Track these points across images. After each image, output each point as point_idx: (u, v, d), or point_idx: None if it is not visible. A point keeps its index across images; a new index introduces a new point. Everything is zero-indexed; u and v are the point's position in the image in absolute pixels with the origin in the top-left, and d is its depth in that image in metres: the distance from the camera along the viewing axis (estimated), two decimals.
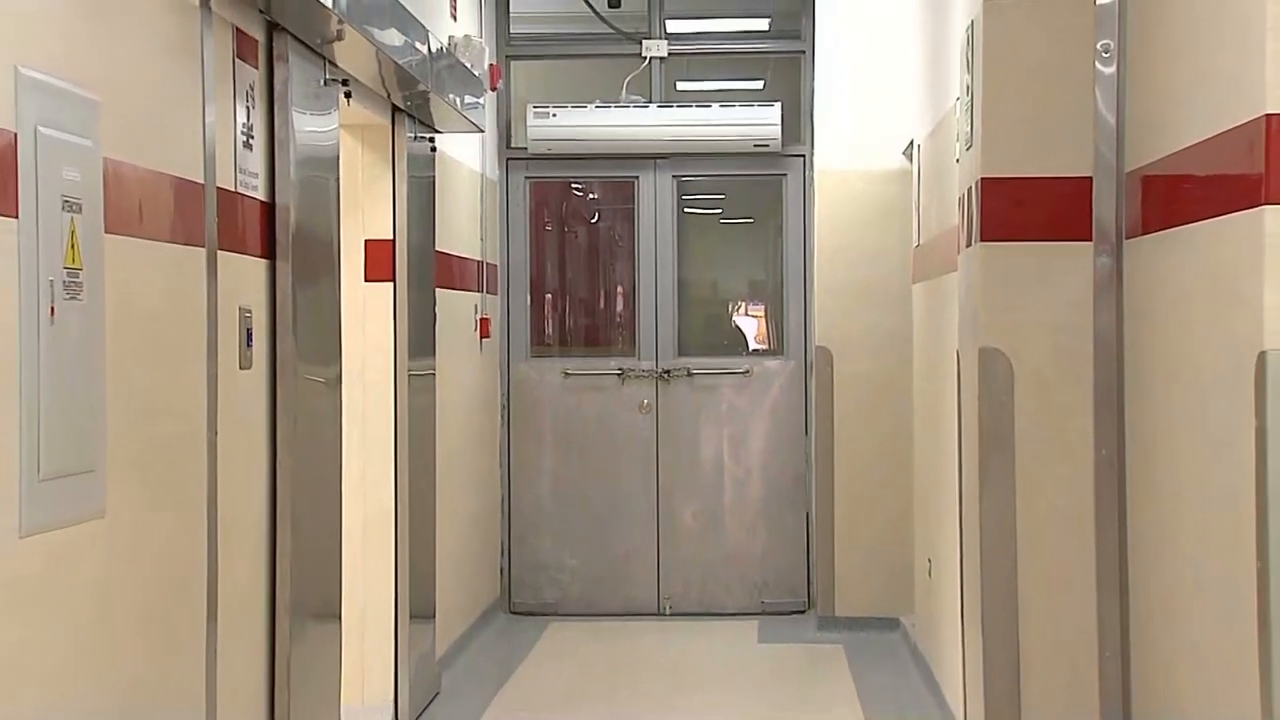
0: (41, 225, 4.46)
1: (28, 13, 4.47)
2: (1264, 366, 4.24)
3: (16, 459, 4.36)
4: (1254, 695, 4.32)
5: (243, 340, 6.17)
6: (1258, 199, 4.29)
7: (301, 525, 6.74)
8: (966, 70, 6.51)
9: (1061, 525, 5.93)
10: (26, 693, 4.46)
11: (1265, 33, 4.22)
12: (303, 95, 6.79)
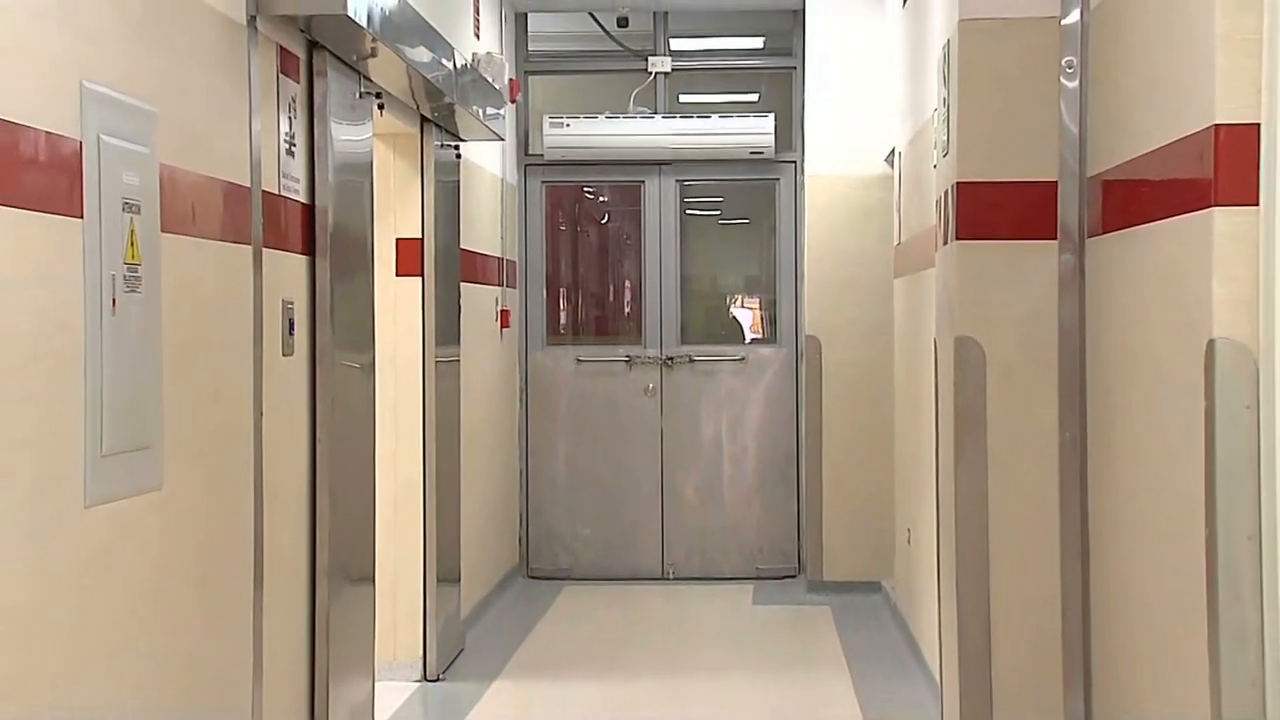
0: (104, 225, 4.49)
1: (91, 33, 4.48)
2: (1213, 353, 4.24)
3: (82, 437, 4.39)
4: (1201, 650, 4.33)
5: (285, 330, 6.18)
6: (1207, 201, 4.29)
7: (338, 497, 6.76)
8: (943, 84, 6.51)
9: (1028, 499, 5.93)
10: (92, 645, 4.48)
11: (1214, 50, 4.22)
12: (340, 107, 6.80)
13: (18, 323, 4.03)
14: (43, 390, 4.18)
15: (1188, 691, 4.49)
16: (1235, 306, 4.21)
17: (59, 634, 4.28)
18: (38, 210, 4.12)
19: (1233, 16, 4.18)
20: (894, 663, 9.18)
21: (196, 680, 5.32)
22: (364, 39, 6.52)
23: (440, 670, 8.83)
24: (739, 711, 8.36)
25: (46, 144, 4.17)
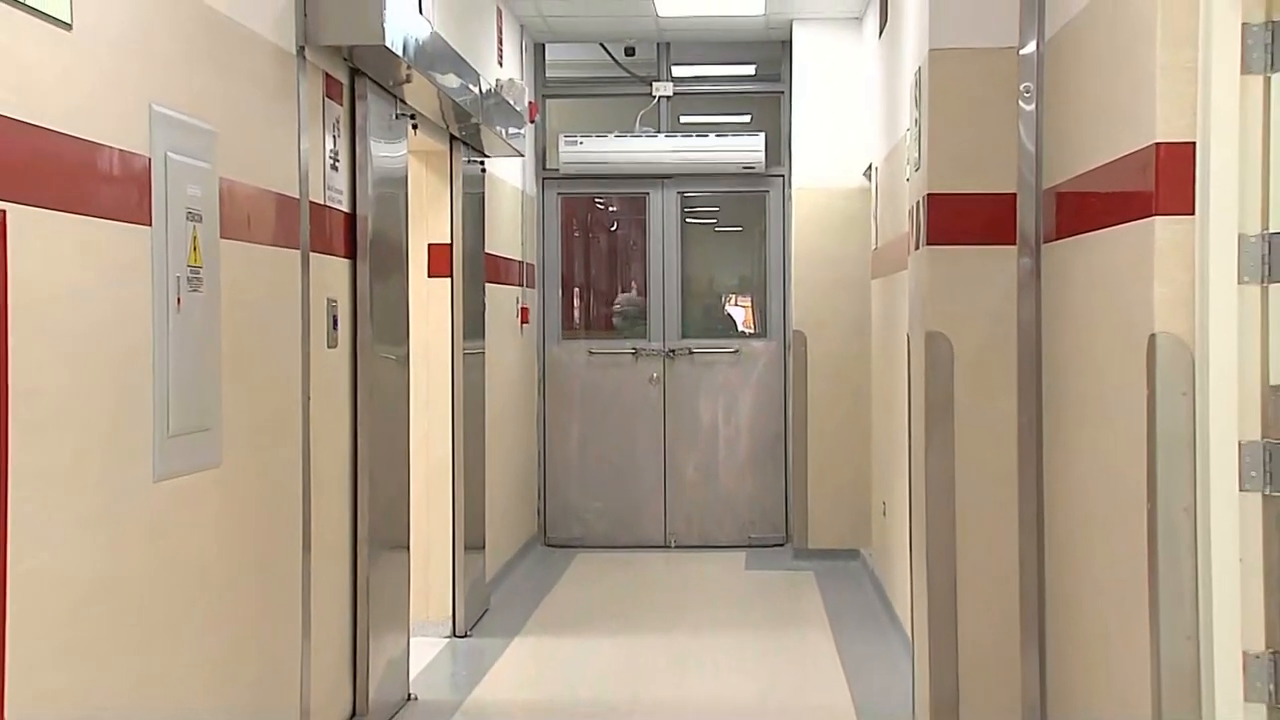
0: (170, 232, 4.51)
1: (160, 61, 4.50)
2: (1154, 346, 4.26)
3: (150, 419, 4.41)
4: (1143, 608, 4.34)
5: (329, 325, 6.19)
6: (1149, 211, 4.30)
7: (377, 474, 6.78)
8: (915, 107, 6.51)
9: (991, 475, 5.93)
10: (159, 603, 4.51)
11: (1155, 77, 4.24)
12: (378, 127, 6.81)
13: (95, 318, 4.05)
14: (116, 378, 4.20)
15: (1131, 644, 4.50)
16: (1173, 305, 4.23)
17: (130, 592, 4.30)
18: (112, 219, 4.15)
19: (1171, 49, 4.19)
20: (871, 621, 9.18)
21: (251, 636, 5.35)
22: (400, 66, 6.54)
23: (468, 628, 8.84)
24: (733, 664, 8.37)
25: (120, 160, 4.20)
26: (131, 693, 4.30)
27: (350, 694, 6.56)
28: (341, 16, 5.98)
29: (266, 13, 5.53)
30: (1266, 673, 3.99)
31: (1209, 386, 4.13)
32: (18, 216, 3.50)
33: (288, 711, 5.76)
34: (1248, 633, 4.04)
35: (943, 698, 6.00)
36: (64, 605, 3.84)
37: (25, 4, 3.65)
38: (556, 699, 7.63)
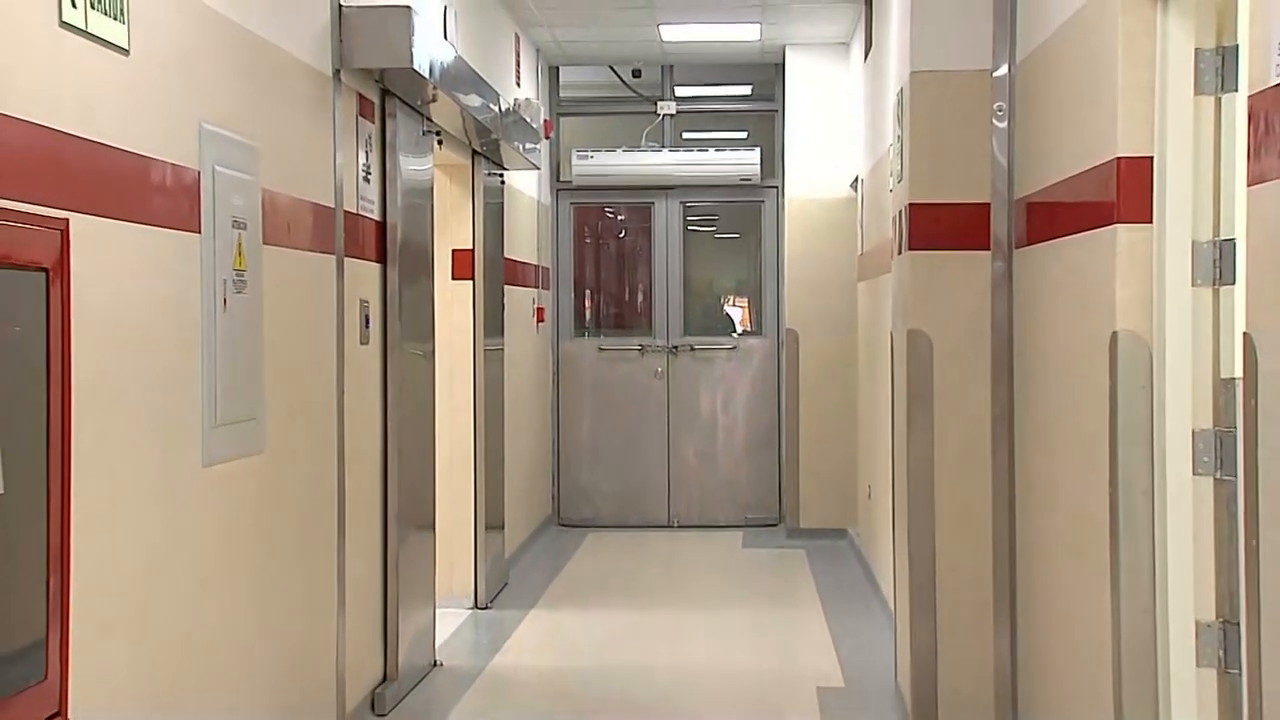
0: (217, 238, 4.53)
1: (208, 83, 4.52)
2: (1116, 342, 4.27)
3: (199, 410, 4.43)
4: (1105, 582, 4.36)
5: (362, 323, 6.21)
6: (1111, 219, 4.31)
7: (405, 459, 6.79)
8: (897, 124, 6.52)
9: (967, 460, 5.94)
10: (208, 576, 4.53)
11: (1117, 97, 4.25)
12: (406, 142, 6.83)
13: (148, 317, 4.08)
14: (168, 373, 4.22)
15: (1094, 615, 4.52)
16: (1133, 305, 4.24)
17: (181, 568, 4.32)
18: (165, 227, 4.17)
19: (1131, 70, 4.20)
20: (857, 594, 9.19)
21: (292, 607, 5.36)
22: (427, 87, 6.55)
23: (488, 600, 8.86)
24: (731, 634, 8.39)
25: (171, 173, 4.22)
26: (182, 653, 4.32)
27: (381, 660, 6.57)
28: (373, 42, 6.00)
29: (305, 38, 5.55)
30: (1217, 640, 4.00)
31: (1165, 380, 4.14)
32: (80, 225, 3.53)
33: (325, 674, 5.78)
34: (1200, 604, 4.06)
35: (922, 664, 6.01)
36: (122, 574, 3.87)
37: (87, 31, 3.68)
38: (569, 665, 7.66)
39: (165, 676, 4.19)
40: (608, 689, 7.07)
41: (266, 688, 5.07)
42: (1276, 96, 2.93)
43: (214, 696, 4.57)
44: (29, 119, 3.39)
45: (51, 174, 3.49)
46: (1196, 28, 4.07)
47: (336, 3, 5.89)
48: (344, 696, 5.96)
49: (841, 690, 6.98)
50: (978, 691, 5.93)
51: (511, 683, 7.22)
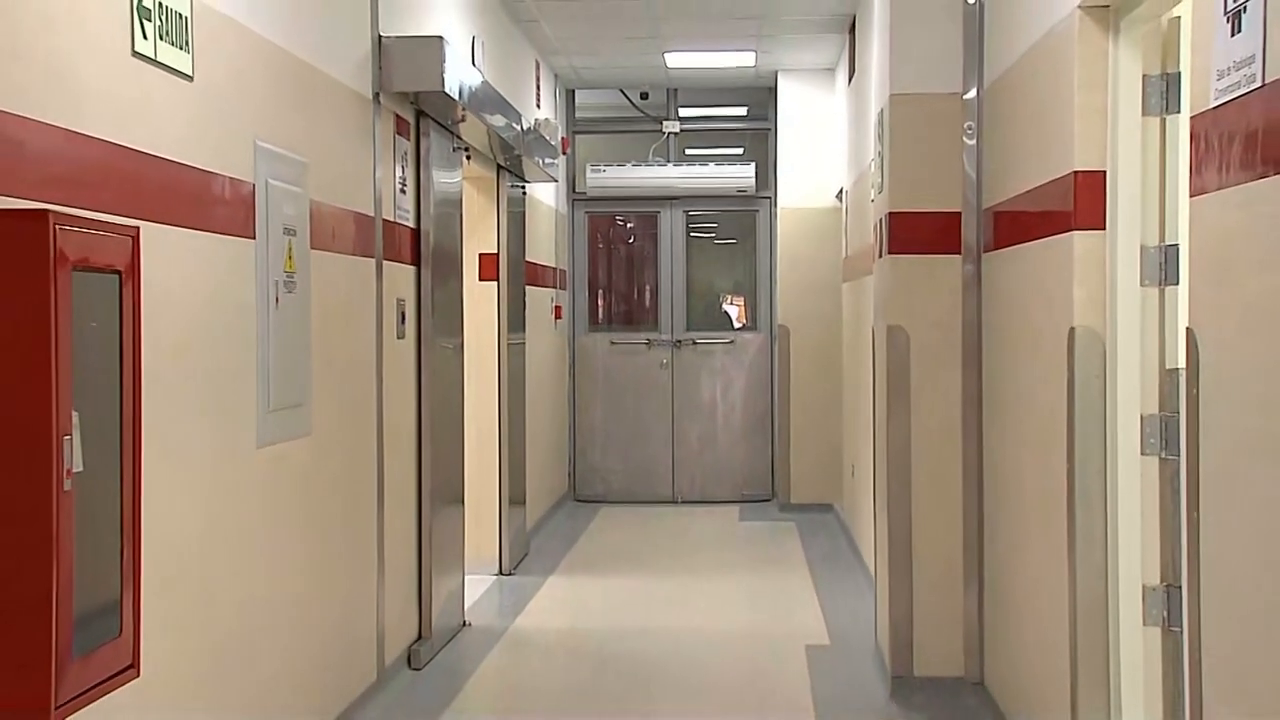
0: (270, 244, 4.54)
1: (261, 105, 4.54)
2: (1073, 337, 4.30)
3: (254, 397, 4.45)
4: (1063, 550, 4.38)
5: (398, 320, 6.21)
6: (1069, 226, 4.34)
7: (437, 441, 6.80)
8: (878, 141, 6.53)
9: (940, 442, 5.95)
10: (261, 543, 4.56)
11: (1073, 117, 4.27)
12: (438, 158, 6.84)
13: (209, 314, 4.10)
14: (227, 363, 4.24)
15: (1053, 579, 4.54)
16: (1089, 303, 4.26)
17: (237, 538, 4.35)
18: (224, 234, 4.19)
19: (1086, 94, 4.22)
20: (841, 562, 9.20)
21: (336, 574, 5.39)
22: (457, 109, 6.56)
23: (512, 567, 8.87)
24: (729, 596, 8.40)
25: (230, 186, 4.24)
26: (239, 613, 4.35)
27: (416, 620, 6.60)
28: (409, 68, 6.01)
29: (348, 65, 5.57)
30: (1161, 602, 4.03)
31: (1117, 370, 4.17)
32: (148, 232, 3.54)
33: (366, 632, 5.80)
34: (1146, 570, 4.08)
35: (899, 624, 6.03)
36: (185, 543, 3.90)
37: (156, 60, 3.70)
38: (584, 625, 7.67)
39: (224, 633, 4.21)
40: (619, 646, 7.09)
41: (315, 644, 5.09)
42: (1215, 118, 2.95)
43: (269, 652, 4.60)
44: (105, 138, 3.42)
45: (124, 187, 3.51)
46: (1144, 56, 4.09)
47: (377, 33, 5.91)
48: (383, 652, 5.98)
49: (827, 647, 6.99)
50: (949, 648, 5.96)
51: (533, 641, 7.24)
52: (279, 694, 4.70)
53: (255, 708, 4.47)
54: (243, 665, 4.36)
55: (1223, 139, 2.91)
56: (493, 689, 6.39)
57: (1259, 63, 2.71)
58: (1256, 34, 2.72)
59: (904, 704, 5.90)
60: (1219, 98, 2.92)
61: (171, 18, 3.78)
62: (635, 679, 6.45)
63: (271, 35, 4.64)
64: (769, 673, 6.58)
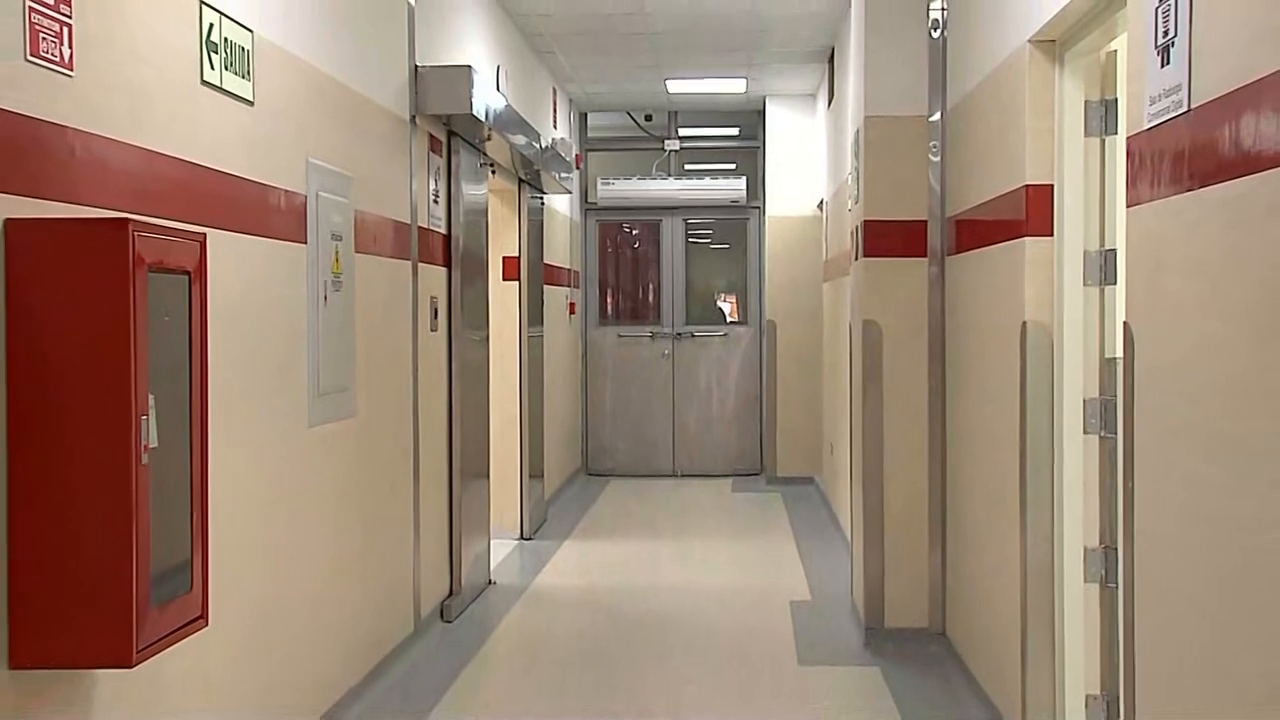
0: (319, 249, 4.56)
1: (313, 127, 4.55)
2: (1025, 330, 4.31)
3: (306, 382, 4.46)
4: (1015, 515, 4.40)
5: (431, 315, 6.22)
6: (1021, 233, 4.35)
7: (466, 422, 6.82)
8: (854, 157, 6.54)
9: (908, 423, 5.96)
10: (314, 512, 4.57)
11: (1025, 137, 4.28)
12: (467, 173, 6.85)
13: (266, 311, 4.11)
14: (282, 353, 4.26)
15: (1006, 542, 4.56)
16: (1038, 301, 4.27)
17: (290, 506, 4.36)
18: (279, 239, 4.21)
19: (1036, 117, 4.23)
20: (821, 528, 9.22)
21: (378, 539, 5.40)
22: (483, 129, 6.58)
23: (531, 533, 8.88)
24: (723, 558, 8.41)
25: (285, 198, 4.26)
26: (291, 571, 4.37)
27: (448, 578, 6.61)
28: (442, 93, 6.03)
29: (388, 91, 5.58)
30: (1099, 561, 4.05)
31: (1063, 359, 4.19)
32: (214, 238, 3.55)
33: (404, 589, 5.82)
34: (1087, 533, 4.10)
35: (872, 582, 6.05)
36: (245, 510, 3.92)
37: (222, 87, 3.73)
38: (596, 583, 7.69)
39: (280, 588, 4.24)
40: (626, 602, 7.11)
41: (360, 598, 5.11)
42: (1148, 139, 2.97)
43: (320, 604, 4.62)
44: (177, 155, 3.44)
45: (193, 198, 3.53)
46: (1086, 85, 4.11)
47: (413, 63, 5.93)
48: (419, 606, 6.01)
49: (809, 602, 7.01)
50: (915, 603, 5.97)
51: (550, 597, 7.26)
52: (329, 641, 4.73)
53: (308, 654, 4.50)
54: (298, 616, 4.39)
55: (1154, 157, 2.93)
56: (515, 638, 6.41)
57: (1185, 91, 2.73)
58: (1183, 66, 2.74)
59: (876, 652, 5.92)
60: (1151, 121, 2.94)
61: (235, 50, 3.81)
62: (640, 629, 6.48)
63: (322, 65, 4.66)
64: (758, 624, 6.60)
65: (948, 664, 5.62)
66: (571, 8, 8.33)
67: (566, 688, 5.55)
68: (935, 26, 5.71)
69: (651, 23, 8.66)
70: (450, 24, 6.76)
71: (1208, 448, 2.69)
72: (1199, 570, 2.75)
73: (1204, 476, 2.71)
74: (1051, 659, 4.24)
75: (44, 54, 2.82)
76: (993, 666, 4.85)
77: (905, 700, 5.22)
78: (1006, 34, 4.52)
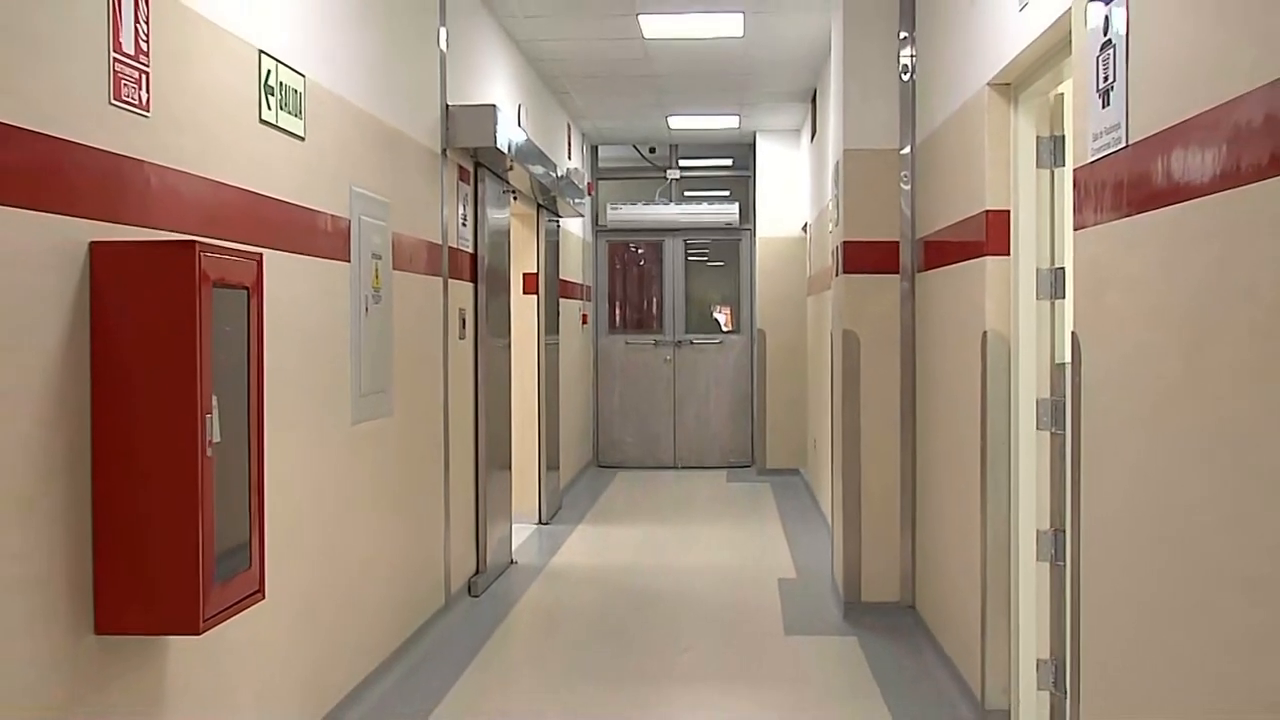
0: (361, 266, 4.57)
1: (357, 160, 4.57)
2: (985, 339, 4.32)
3: (349, 384, 4.47)
4: (976, 500, 4.41)
5: (460, 325, 6.22)
6: (982, 253, 4.36)
7: (490, 419, 6.81)
8: (835, 185, 6.54)
9: (882, 421, 5.96)
10: (356, 500, 4.58)
11: (985, 167, 4.29)
12: (491, 199, 6.85)
13: (315, 321, 4.13)
14: (328, 359, 4.27)
15: (968, 526, 4.57)
16: (997, 313, 4.29)
17: (336, 494, 4.37)
18: (326, 258, 4.22)
19: (994, 150, 4.24)
20: (805, 514, 9.21)
21: (413, 524, 5.41)
22: (506, 160, 6.59)
23: (548, 518, 8.88)
24: (718, 541, 8.41)
25: (331, 222, 4.27)
26: (336, 550, 4.38)
27: (475, 558, 6.62)
28: (470, 129, 6.05)
29: (422, 127, 5.61)
30: (1050, 542, 4.06)
31: (1019, 364, 4.20)
32: (270, 257, 3.59)
33: (437, 567, 5.83)
34: (1039, 518, 4.10)
35: (850, 561, 6.05)
36: (296, 497, 3.94)
37: (277, 125, 3.75)
38: (606, 562, 7.69)
39: (328, 567, 4.26)
40: (633, 578, 7.12)
41: (397, 575, 5.13)
42: (1091, 171, 3.00)
43: (362, 581, 4.65)
44: (239, 185, 3.47)
45: (252, 222, 3.55)
46: (1037, 123, 4.12)
47: (445, 103, 5.96)
48: (450, 583, 6.02)
49: (794, 579, 7.02)
50: (888, 579, 5.98)
51: (565, 574, 7.27)
52: (370, 613, 4.75)
53: (352, 624, 4.53)
54: (343, 590, 4.41)
55: (1097, 187, 2.96)
56: (534, 611, 6.43)
57: (1123, 129, 2.76)
58: (1121, 108, 2.77)
59: (854, 623, 5.93)
60: (1094, 155, 2.96)
61: (289, 93, 3.84)
62: (645, 602, 6.49)
63: (364, 104, 4.69)
64: (749, 598, 6.61)
65: (917, 633, 5.63)
66: (584, 54, 8.37)
67: (580, 653, 5.57)
68: (905, 70, 5.74)
69: (654, 67, 8.69)
70: (477, 67, 6.79)
71: (1145, 442, 2.71)
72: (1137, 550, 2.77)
73: (1141, 467, 2.73)
74: (1007, 628, 4.25)
75: (125, 98, 2.86)
76: (956, 635, 4.86)
77: (879, 665, 5.24)
78: (968, 78, 4.54)
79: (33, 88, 2.50)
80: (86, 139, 2.69)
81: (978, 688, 4.39)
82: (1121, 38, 2.78)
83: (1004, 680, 4.28)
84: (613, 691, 4.93)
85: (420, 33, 5.62)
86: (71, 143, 2.64)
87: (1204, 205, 2.35)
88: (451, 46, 6.08)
